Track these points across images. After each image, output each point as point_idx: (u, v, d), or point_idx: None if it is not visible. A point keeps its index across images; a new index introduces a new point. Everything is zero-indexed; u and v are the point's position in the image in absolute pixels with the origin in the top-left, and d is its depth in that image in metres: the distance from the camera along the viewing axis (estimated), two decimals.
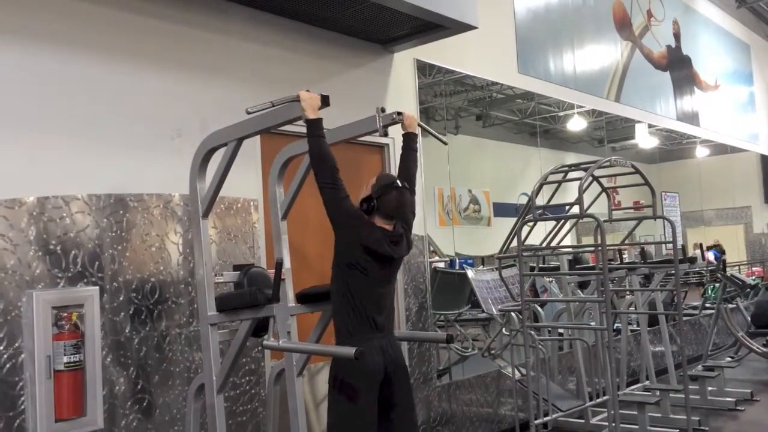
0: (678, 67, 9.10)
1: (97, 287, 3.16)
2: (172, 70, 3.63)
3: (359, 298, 2.88)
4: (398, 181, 3.01)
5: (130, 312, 3.31)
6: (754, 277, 10.00)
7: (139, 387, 3.31)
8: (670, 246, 5.58)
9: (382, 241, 2.89)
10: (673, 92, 8.91)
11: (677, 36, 9.17)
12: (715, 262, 8.16)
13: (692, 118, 9.32)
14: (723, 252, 10.68)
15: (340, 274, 2.92)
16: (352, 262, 2.87)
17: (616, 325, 6.12)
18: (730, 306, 7.62)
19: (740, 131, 10.73)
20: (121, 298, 3.28)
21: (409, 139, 3.24)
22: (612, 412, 4.49)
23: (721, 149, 10.89)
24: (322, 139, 2.81)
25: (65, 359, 2.93)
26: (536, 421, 4.68)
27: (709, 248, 10.00)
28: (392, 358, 2.94)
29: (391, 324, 3.02)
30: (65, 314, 2.98)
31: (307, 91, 2.81)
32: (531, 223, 4.87)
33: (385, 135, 3.24)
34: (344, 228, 2.88)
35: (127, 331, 3.29)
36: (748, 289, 8.32)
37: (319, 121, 2.79)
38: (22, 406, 2.89)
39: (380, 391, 2.89)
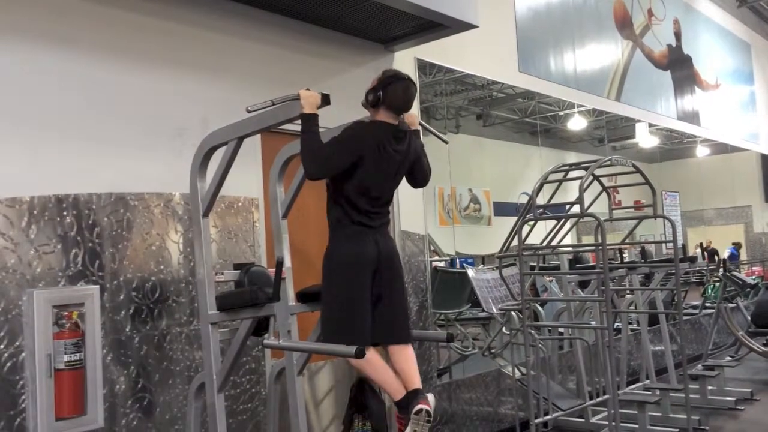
0: (679, 67, 9.10)
1: (98, 286, 3.16)
2: (173, 69, 3.63)
3: (354, 192, 2.89)
4: (404, 74, 3.01)
5: (131, 311, 3.31)
6: (754, 277, 10.00)
7: (139, 386, 3.31)
8: (670, 245, 5.58)
9: (383, 135, 2.89)
10: (674, 91, 8.91)
11: (678, 35, 9.17)
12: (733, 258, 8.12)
13: (693, 118, 9.32)
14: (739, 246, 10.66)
15: (338, 177, 2.90)
16: (354, 171, 2.87)
17: (616, 324, 6.12)
18: (731, 305, 7.62)
19: (741, 130, 10.73)
20: (121, 297, 3.28)
21: (415, 137, 3.24)
22: (612, 411, 4.49)
23: (721, 148, 10.89)
24: (313, 134, 2.79)
25: (66, 358, 2.93)
26: (536, 420, 4.68)
27: (705, 249, 10.00)
28: (384, 249, 2.95)
29: (386, 220, 3.03)
30: (66, 313, 2.98)
31: (308, 89, 2.81)
32: (531, 223, 4.87)
33: None
34: (357, 153, 2.86)
35: (127, 329, 3.29)
36: (749, 289, 8.32)
37: (312, 116, 2.78)
38: (23, 405, 2.89)
39: (372, 280, 2.90)
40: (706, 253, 9.86)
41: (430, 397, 2.89)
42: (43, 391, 2.88)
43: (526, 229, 4.86)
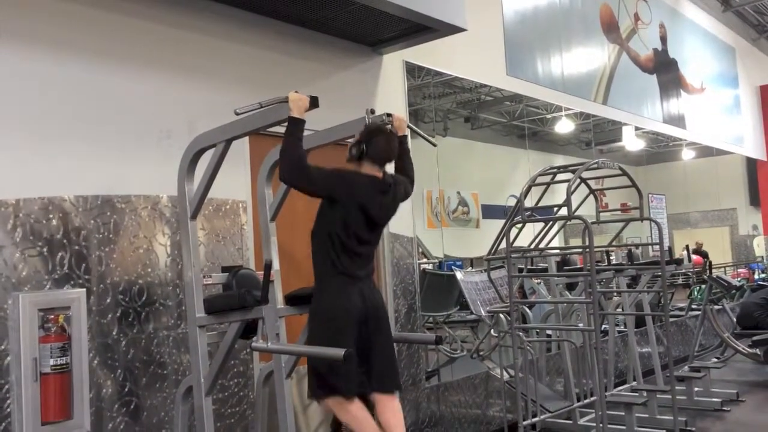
0: (664, 70, 9.17)
1: (84, 289, 3.14)
2: (161, 71, 3.61)
3: (341, 244, 2.92)
4: (386, 127, 3.08)
5: (118, 314, 3.29)
6: (739, 279, 10.09)
7: (126, 389, 3.29)
8: (657, 247, 5.61)
9: (368, 189, 2.96)
10: (660, 95, 8.98)
11: (664, 39, 9.24)
12: None
13: (678, 121, 9.39)
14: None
15: (324, 225, 2.95)
16: (337, 215, 2.92)
17: (603, 326, 6.15)
18: (716, 307, 7.67)
19: (726, 134, 10.83)
20: (108, 300, 3.26)
21: (400, 141, 3.25)
22: (600, 412, 4.51)
23: (707, 151, 10.98)
24: (296, 140, 2.81)
25: (52, 362, 2.91)
26: (525, 423, 4.69)
27: (694, 251, 10.08)
28: (371, 301, 2.99)
29: (371, 270, 3.07)
30: (52, 316, 2.95)
31: (296, 92, 2.81)
32: (519, 225, 4.89)
33: None
34: (329, 192, 2.91)
35: (114, 333, 3.27)
36: (734, 291, 8.39)
37: (299, 121, 2.80)
38: (8, 409, 2.86)
39: (359, 334, 2.91)
40: (698, 255, 9.97)
41: None
42: (29, 395, 2.85)
43: (514, 231, 4.88)
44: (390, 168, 3.24)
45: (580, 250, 5.56)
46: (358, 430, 2.91)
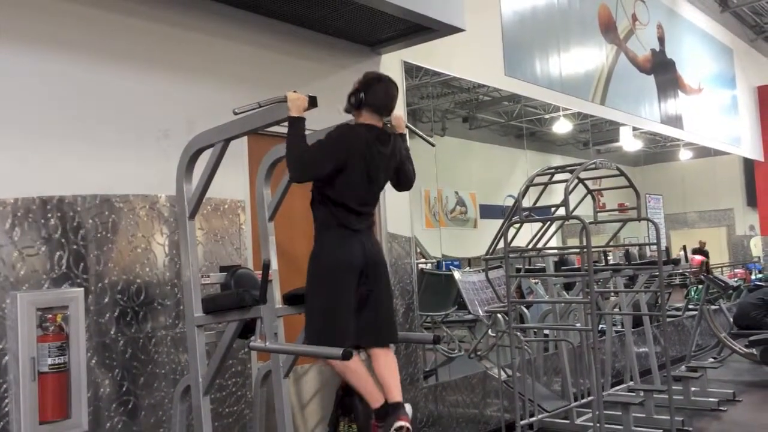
0: (662, 71, 9.18)
1: (82, 289, 3.14)
2: (159, 70, 3.61)
3: (340, 200, 2.90)
4: (384, 75, 3.06)
5: (116, 313, 3.29)
6: (736, 279, 10.12)
7: (124, 389, 3.29)
8: (654, 247, 5.62)
9: (366, 141, 2.91)
10: (658, 95, 8.99)
11: (661, 40, 9.26)
12: None
13: (676, 121, 9.41)
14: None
15: (324, 180, 2.91)
16: (338, 171, 2.88)
17: (600, 326, 6.16)
18: (713, 307, 7.70)
19: (723, 134, 10.85)
20: (106, 300, 3.26)
21: (400, 140, 3.25)
22: (597, 412, 4.52)
23: (704, 152, 11.00)
24: (298, 137, 2.81)
25: (50, 361, 2.91)
26: (522, 422, 4.70)
27: (695, 251, 10.08)
28: (371, 254, 2.96)
29: (371, 223, 3.04)
30: (50, 316, 2.96)
31: (295, 92, 2.81)
32: (517, 225, 4.89)
33: None
34: (340, 164, 2.87)
35: (112, 332, 3.27)
36: (731, 291, 8.41)
37: (299, 120, 2.79)
38: (6, 409, 2.86)
39: (358, 284, 2.91)
40: (700, 254, 9.98)
41: (408, 408, 2.90)
42: (27, 395, 2.85)
43: (511, 231, 4.88)
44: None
45: (578, 250, 5.57)
46: (354, 383, 2.88)
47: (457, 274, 5.55)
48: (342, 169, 2.89)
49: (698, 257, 9.28)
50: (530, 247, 5.44)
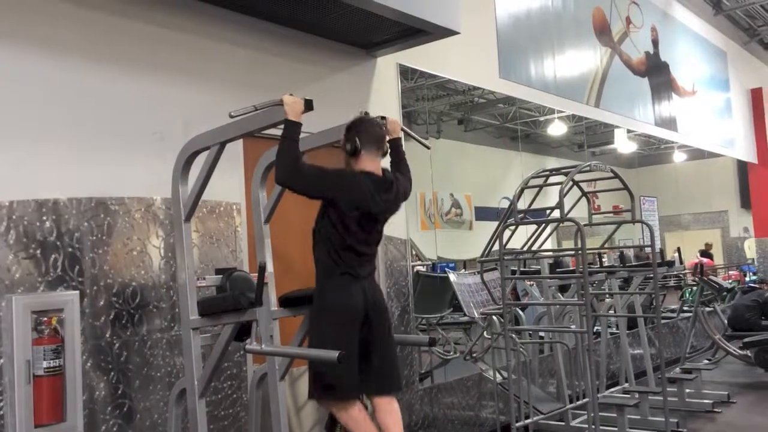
0: (656, 73, 9.22)
1: (78, 291, 3.13)
2: (155, 73, 3.61)
3: (343, 244, 2.90)
4: (365, 112, 3.10)
5: (111, 316, 3.29)
6: (730, 281, 10.15)
7: (119, 392, 3.28)
8: (648, 249, 5.64)
9: (371, 194, 2.92)
10: (652, 98, 9.02)
11: (655, 42, 9.30)
12: None
13: (670, 124, 9.45)
14: None
15: (325, 224, 2.93)
16: (338, 215, 2.89)
17: (595, 328, 6.18)
18: (708, 309, 7.72)
19: (717, 137, 10.89)
20: (101, 303, 3.25)
21: (396, 147, 3.26)
22: (592, 414, 4.53)
23: (698, 154, 11.05)
24: (294, 142, 2.82)
25: (45, 364, 2.90)
26: (517, 424, 4.71)
27: (702, 253, 10.11)
28: (373, 299, 2.97)
29: (372, 268, 3.06)
30: (45, 318, 2.95)
31: (291, 95, 2.82)
32: (512, 227, 4.91)
33: None
34: (325, 193, 2.89)
35: (107, 335, 3.27)
36: (725, 293, 8.44)
37: (296, 124, 2.80)
38: (1, 412, 2.85)
39: (360, 331, 2.91)
40: (706, 257, 10.04)
41: None
42: (22, 398, 2.84)
43: (507, 233, 4.90)
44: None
45: (573, 252, 5.58)
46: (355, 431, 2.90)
47: (452, 276, 5.56)
48: (336, 202, 2.89)
49: (705, 259, 9.34)
50: (525, 249, 5.46)
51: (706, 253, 11.83)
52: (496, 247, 4.89)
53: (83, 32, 3.34)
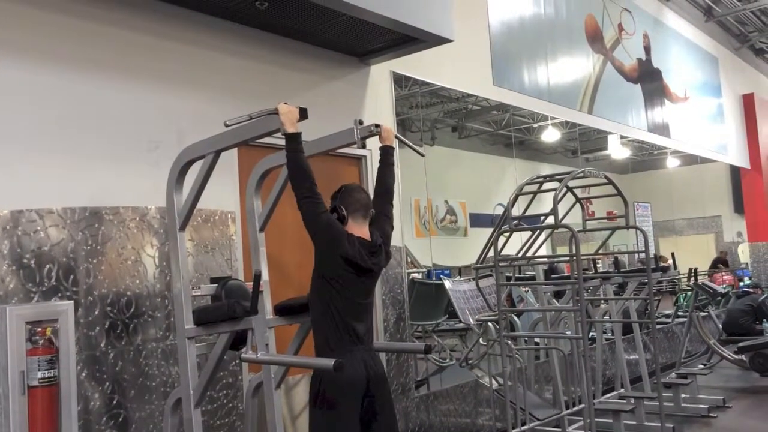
0: (648, 80, 9.27)
1: (72, 301, 3.11)
2: (149, 82, 3.61)
3: (340, 310, 2.88)
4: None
5: (106, 326, 3.28)
6: (724, 286, 10.18)
7: (114, 402, 3.27)
8: (642, 255, 5.66)
9: (361, 254, 2.90)
10: (644, 104, 9.07)
11: (647, 49, 9.35)
12: None
13: (663, 130, 9.49)
14: None
15: (321, 286, 2.91)
16: (332, 274, 2.87)
17: (591, 333, 6.19)
18: (702, 314, 7.75)
19: (710, 142, 10.95)
20: (96, 313, 3.25)
21: (387, 153, 3.25)
22: (588, 420, 4.53)
23: (691, 160, 11.10)
24: (301, 153, 2.82)
25: (39, 375, 2.88)
26: (514, 431, 4.70)
27: (717, 261, 10.10)
28: (374, 371, 2.93)
29: (371, 336, 3.02)
30: (39, 329, 2.92)
31: (285, 103, 2.82)
32: (507, 234, 4.91)
33: (363, 147, 3.27)
34: (324, 241, 2.88)
35: (102, 345, 3.26)
36: (719, 298, 8.47)
37: (298, 135, 2.81)
38: None
39: (362, 404, 2.89)
40: (722, 264, 10.08)
41: None
42: (16, 409, 2.82)
43: (501, 240, 4.90)
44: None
45: (568, 258, 5.59)
46: None
47: (447, 283, 5.56)
48: (327, 260, 2.86)
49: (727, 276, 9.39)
50: (520, 255, 5.47)
51: (721, 260, 11.95)
52: (491, 253, 4.89)
53: (78, 42, 3.35)
